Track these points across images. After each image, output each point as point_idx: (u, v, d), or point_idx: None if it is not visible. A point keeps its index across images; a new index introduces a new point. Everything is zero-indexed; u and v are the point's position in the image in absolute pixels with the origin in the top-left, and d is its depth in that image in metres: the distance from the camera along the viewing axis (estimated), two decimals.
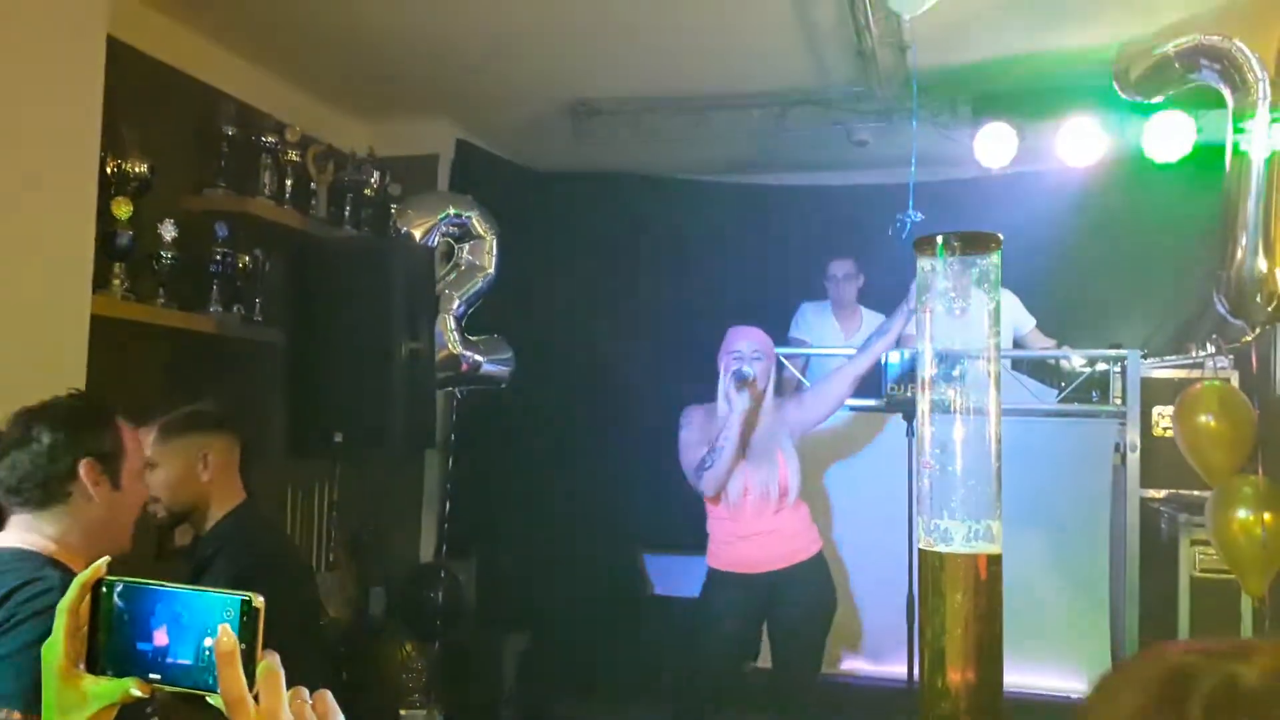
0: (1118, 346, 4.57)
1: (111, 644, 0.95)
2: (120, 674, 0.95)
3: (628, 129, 4.93)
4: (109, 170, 3.54)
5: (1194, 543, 4.07)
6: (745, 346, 3.67)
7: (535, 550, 5.26)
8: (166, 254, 3.78)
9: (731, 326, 3.79)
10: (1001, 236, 1.38)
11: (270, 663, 0.89)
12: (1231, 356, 4.61)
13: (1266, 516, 3.22)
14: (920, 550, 1.33)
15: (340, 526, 4.85)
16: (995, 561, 1.31)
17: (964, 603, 1.27)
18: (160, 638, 0.94)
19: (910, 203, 4.06)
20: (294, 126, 4.50)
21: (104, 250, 3.44)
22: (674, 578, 5.11)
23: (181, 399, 4.02)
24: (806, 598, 3.60)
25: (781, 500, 3.58)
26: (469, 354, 4.45)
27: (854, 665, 4.27)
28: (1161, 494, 4.41)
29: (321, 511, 4.83)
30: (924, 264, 1.36)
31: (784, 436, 3.66)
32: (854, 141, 4.75)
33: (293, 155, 4.43)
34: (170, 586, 0.95)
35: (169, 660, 0.94)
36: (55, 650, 0.93)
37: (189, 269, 3.92)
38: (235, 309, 4.09)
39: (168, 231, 3.78)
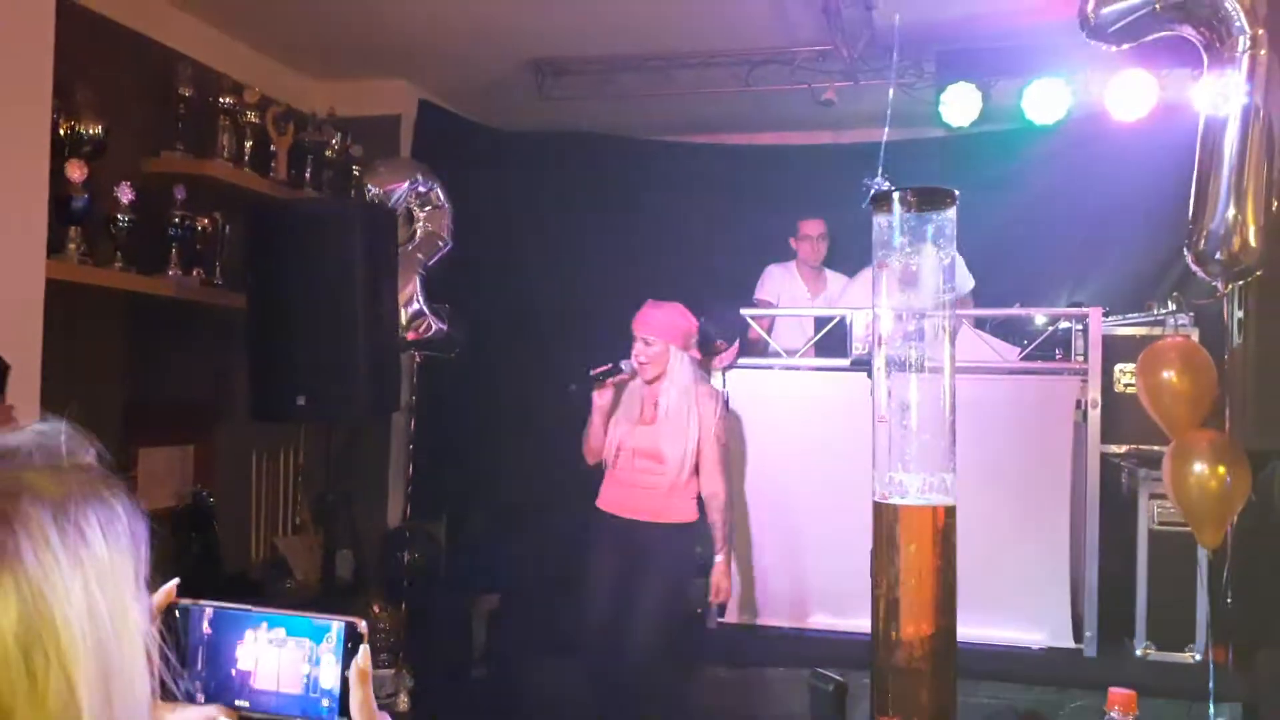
0: (1079, 305, 4.61)
1: (195, 670, 0.92)
2: (204, 702, 0.91)
3: (592, 88, 4.90)
4: (62, 132, 3.48)
5: (1153, 496, 4.12)
6: (639, 331, 3.73)
7: (504, 513, 5.27)
8: (123, 217, 3.72)
9: (648, 300, 3.82)
10: (956, 192, 1.38)
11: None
12: (1192, 314, 4.66)
13: (1221, 470, 3.27)
14: (875, 503, 1.34)
15: (306, 490, 4.84)
16: (950, 513, 1.32)
17: (919, 553, 1.29)
18: (248, 662, 0.91)
19: (880, 167, 4.07)
20: (252, 88, 4.43)
21: (59, 214, 3.38)
22: None
23: (142, 363, 4.01)
24: (665, 554, 3.73)
25: (677, 469, 3.70)
26: (430, 318, 4.43)
27: (819, 620, 4.32)
28: (1123, 449, 4.47)
29: (287, 475, 4.81)
30: (880, 220, 1.37)
31: (691, 417, 3.72)
32: (819, 101, 4.74)
33: (251, 117, 4.37)
34: (262, 610, 0.92)
35: (259, 686, 0.90)
36: None
37: (147, 232, 3.87)
38: (195, 272, 4.04)
39: (124, 194, 3.72)
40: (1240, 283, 3.20)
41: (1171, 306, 4.77)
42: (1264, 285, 3.22)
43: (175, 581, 0.92)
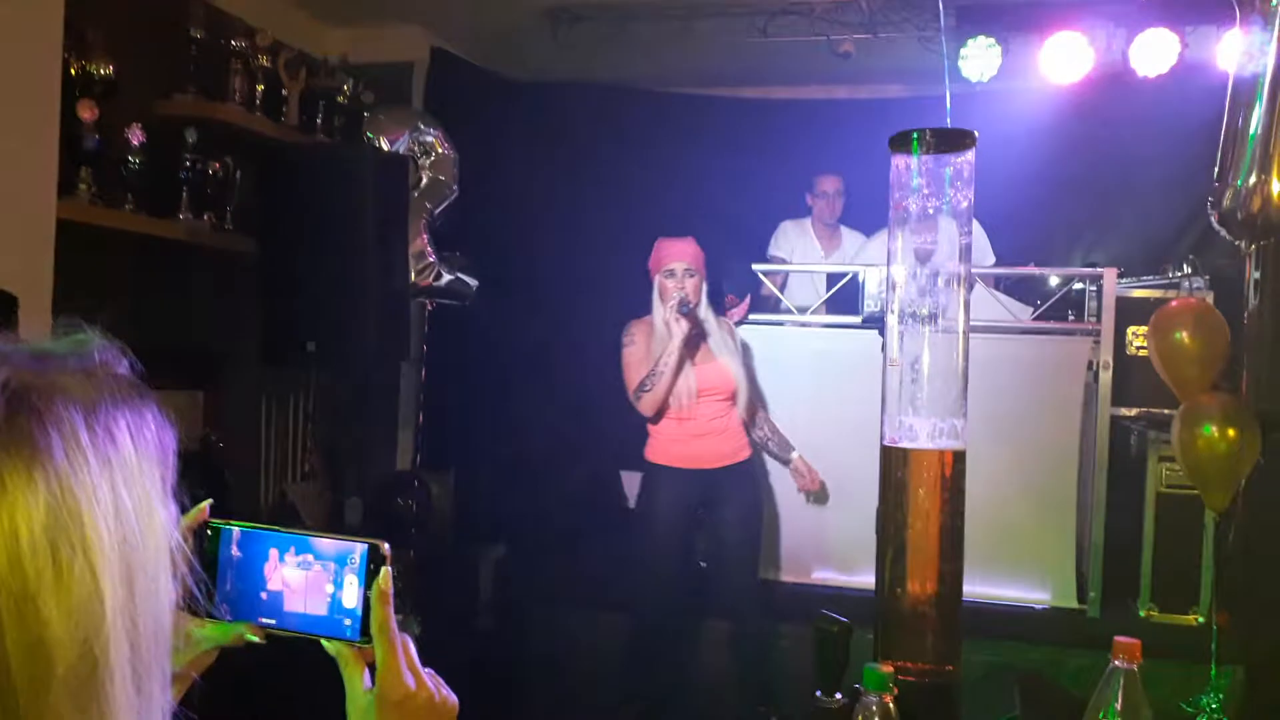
0: (1094, 265, 4.57)
1: (223, 589, 0.93)
2: (231, 619, 0.93)
3: (607, 37, 4.84)
4: (73, 72, 3.45)
5: (1161, 459, 4.12)
6: (678, 265, 3.74)
7: (513, 463, 5.28)
8: (134, 159, 3.71)
9: (660, 238, 3.85)
10: (976, 133, 1.36)
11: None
12: (1208, 277, 4.62)
13: (1231, 432, 3.25)
14: (884, 447, 1.33)
15: (316, 438, 4.86)
16: (959, 459, 1.31)
17: (926, 497, 1.28)
18: (275, 583, 0.92)
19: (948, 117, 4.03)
20: (265, 31, 4.39)
21: (70, 154, 3.38)
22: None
23: (151, 307, 4.01)
24: (741, 496, 3.83)
25: (729, 404, 3.79)
26: (440, 266, 4.41)
27: (825, 576, 4.34)
28: (1133, 412, 4.44)
29: (297, 422, 4.83)
30: (898, 161, 1.35)
31: (730, 346, 3.84)
32: (837, 54, 4.68)
33: (264, 60, 4.34)
34: (289, 531, 0.94)
35: (285, 607, 0.92)
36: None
37: (158, 175, 3.85)
38: (206, 216, 4.03)
39: (135, 136, 3.70)
40: (1262, 243, 3.16)
41: (1187, 270, 4.73)
42: None
43: (209, 501, 0.94)
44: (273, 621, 0.92)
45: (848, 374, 4.10)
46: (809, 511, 4.35)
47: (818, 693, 1.30)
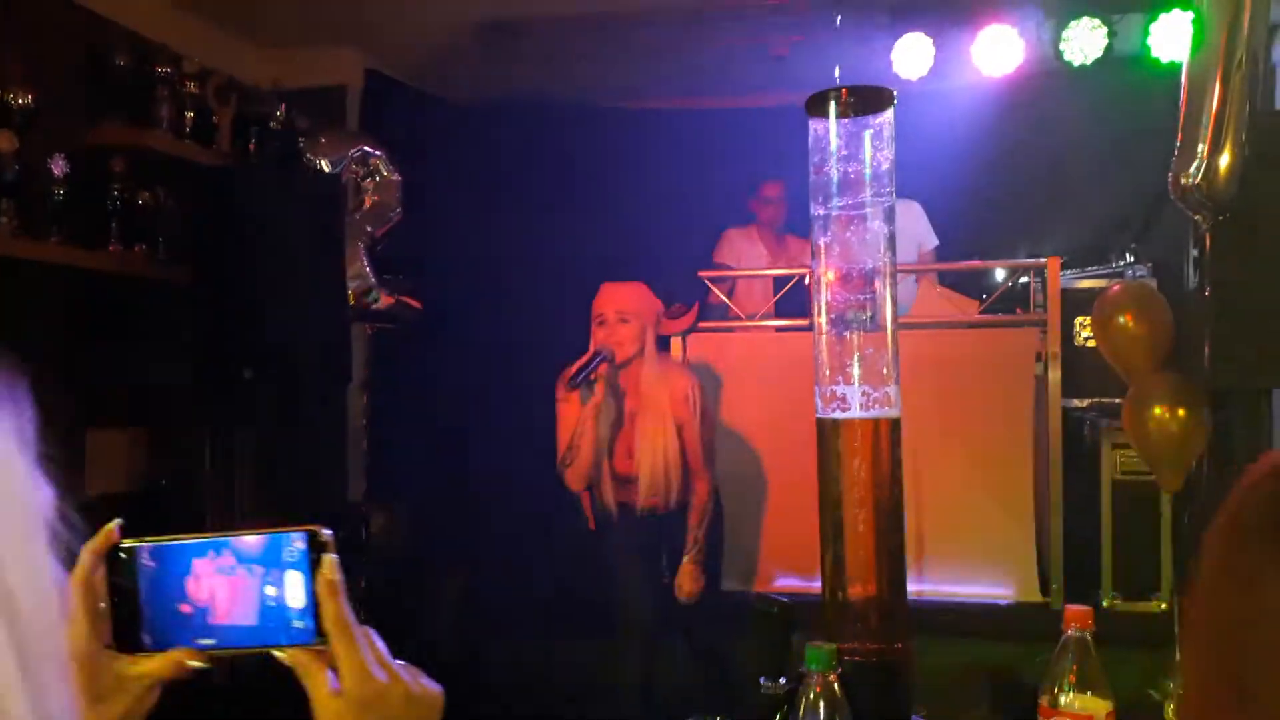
0: (1037, 257, 4.60)
1: (147, 615, 0.81)
2: (161, 647, 0.81)
3: (540, 52, 4.81)
4: None
5: (1115, 446, 4.12)
6: (609, 311, 3.34)
7: (467, 490, 5.19)
8: (59, 190, 3.61)
9: (605, 282, 3.49)
10: (895, 92, 1.33)
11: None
12: (1150, 264, 4.66)
13: (1181, 411, 3.25)
14: (818, 420, 1.29)
15: (262, 469, 4.74)
16: (895, 427, 1.27)
17: (862, 467, 1.24)
18: (202, 596, 0.80)
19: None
20: (192, 58, 4.32)
21: None
22: None
23: (85, 342, 3.90)
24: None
25: (669, 478, 3.38)
26: (380, 289, 4.35)
27: (786, 583, 4.29)
28: (1085, 403, 4.45)
29: (243, 454, 4.71)
30: (816, 125, 1.31)
31: (667, 398, 3.39)
32: (772, 56, 4.68)
33: (191, 87, 4.25)
34: (206, 537, 0.81)
35: (219, 622, 0.80)
36: (76, 632, 0.78)
37: (86, 206, 3.76)
38: (137, 247, 3.93)
39: (59, 166, 3.60)
40: (1220, 218, 3.16)
41: (1130, 258, 4.77)
42: (1227, 222, 3.19)
43: (116, 522, 0.82)
44: (211, 641, 0.80)
45: (799, 375, 4.06)
46: (770, 520, 4.31)
47: (761, 679, 1.24)
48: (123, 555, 0.82)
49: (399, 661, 0.81)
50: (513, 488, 5.21)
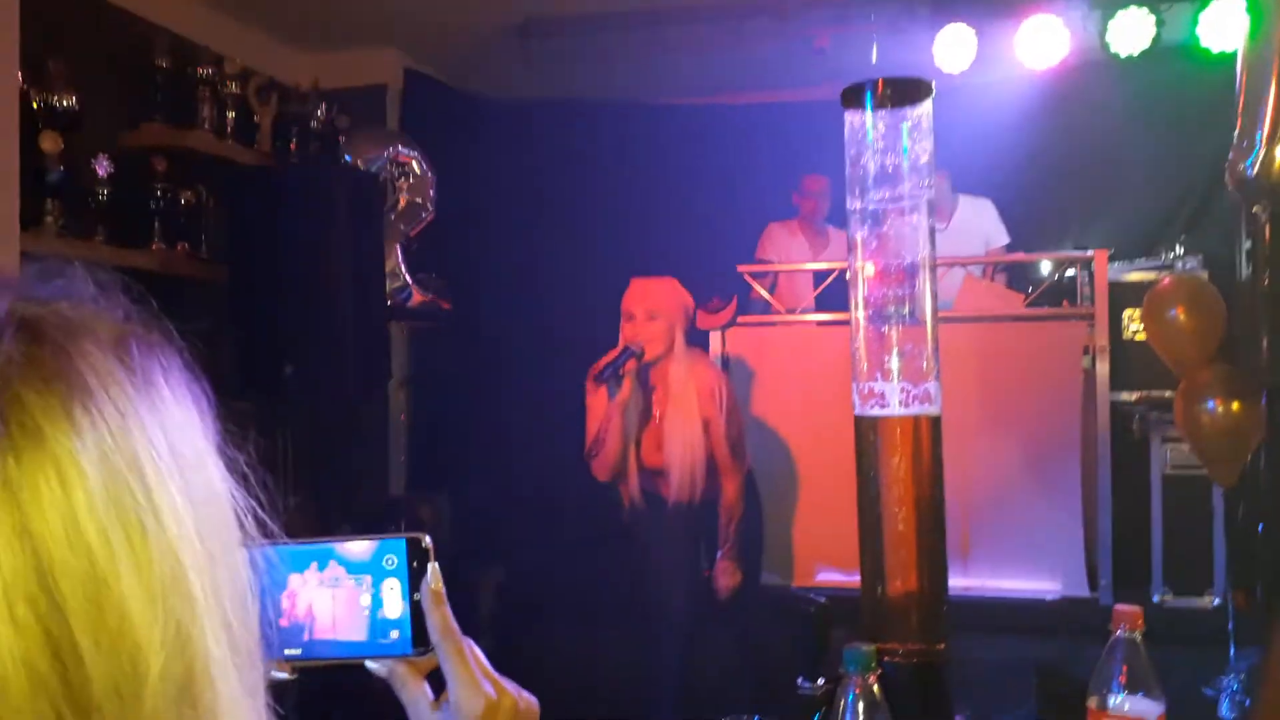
0: (1084, 250, 4.51)
1: None
2: None
3: (580, 52, 4.79)
4: (35, 105, 3.41)
5: (1165, 440, 4.04)
6: (637, 308, 3.32)
7: (507, 483, 5.21)
8: (102, 190, 3.66)
9: (634, 278, 3.46)
10: (933, 82, 1.29)
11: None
12: (1201, 256, 4.56)
13: (1235, 405, 3.17)
14: (856, 417, 1.26)
15: (304, 468, 4.78)
16: (935, 424, 1.24)
17: (901, 465, 1.21)
18: (300, 611, 0.76)
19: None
20: (233, 59, 4.35)
21: (35, 187, 3.33)
22: None
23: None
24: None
25: (695, 475, 3.36)
26: (414, 287, 4.36)
27: (827, 577, 4.25)
28: (1133, 396, 4.37)
29: (285, 454, 4.75)
30: (852, 118, 1.28)
31: (695, 395, 3.36)
32: (813, 50, 4.63)
33: (233, 87, 4.29)
34: (308, 543, 0.76)
35: (315, 635, 0.76)
36: None
37: (129, 206, 3.80)
38: (179, 246, 3.97)
39: (102, 167, 3.65)
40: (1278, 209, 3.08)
41: (1180, 251, 4.67)
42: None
43: None
44: (298, 651, 0.75)
45: (842, 372, 4.02)
46: (811, 515, 4.27)
47: (799, 679, 1.22)
48: None
49: (501, 675, 0.77)
50: (551, 481, 5.22)
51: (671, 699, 3.70)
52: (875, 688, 1.15)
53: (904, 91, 1.28)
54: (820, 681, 1.21)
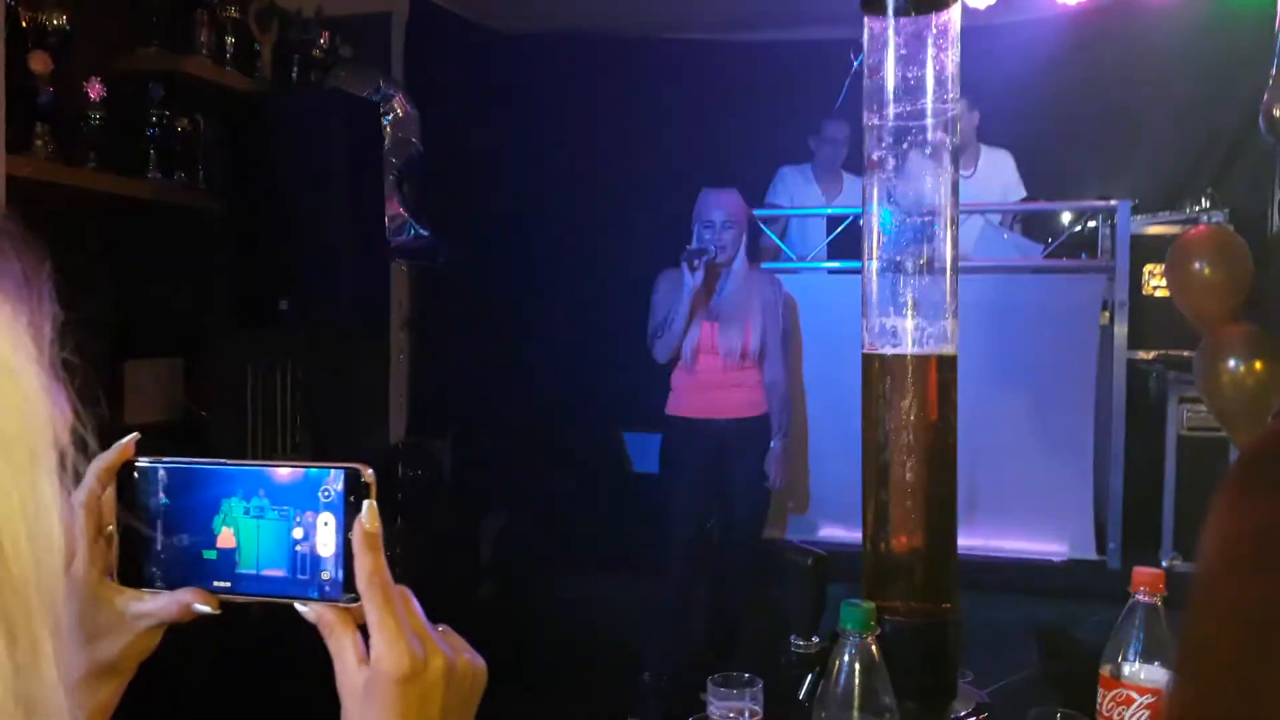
0: (1107, 199, 4.37)
1: (159, 547, 0.71)
2: (173, 585, 0.70)
3: None
4: (23, 23, 3.29)
5: (1183, 400, 3.93)
6: (717, 215, 3.74)
7: (511, 429, 5.14)
8: (95, 115, 3.53)
9: (705, 189, 3.83)
10: None
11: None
12: (1228, 209, 4.41)
13: (1258, 365, 3.06)
14: (864, 355, 1.16)
15: (304, 407, 4.70)
16: (950, 365, 1.13)
17: (912, 409, 1.11)
18: (225, 537, 0.70)
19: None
20: None
21: (24, 109, 3.21)
22: (654, 456, 4.99)
23: (123, 271, 3.85)
24: (754, 449, 3.78)
25: (742, 360, 3.76)
26: (411, 222, 4.26)
27: (831, 532, 4.17)
28: (1151, 354, 4.25)
29: (284, 391, 4.67)
30: (872, 24, 1.16)
31: (755, 303, 3.77)
32: None
33: (232, 12, 4.15)
34: (232, 464, 0.70)
35: (239, 565, 0.70)
36: (75, 560, 0.69)
37: (123, 132, 3.68)
38: (176, 175, 3.86)
39: (95, 90, 3.52)
40: None
41: (1206, 203, 4.53)
42: None
43: (133, 436, 0.71)
44: (227, 585, 0.70)
45: (852, 320, 3.91)
46: (815, 469, 4.19)
47: (792, 636, 1.13)
48: (137, 476, 0.71)
49: (440, 627, 0.68)
50: (555, 426, 5.15)
51: (667, 649, 3.69)
52: (874, 648, 1.06)
53: None
54: (815, 639, 1.12)
